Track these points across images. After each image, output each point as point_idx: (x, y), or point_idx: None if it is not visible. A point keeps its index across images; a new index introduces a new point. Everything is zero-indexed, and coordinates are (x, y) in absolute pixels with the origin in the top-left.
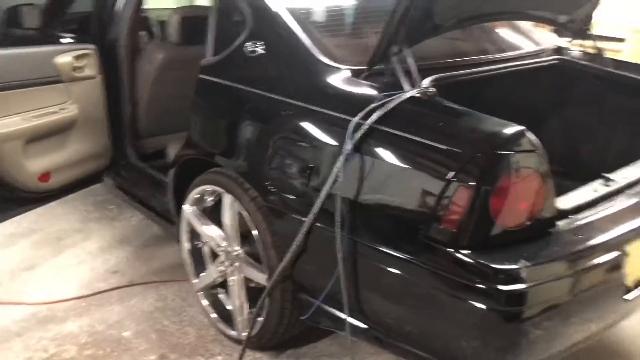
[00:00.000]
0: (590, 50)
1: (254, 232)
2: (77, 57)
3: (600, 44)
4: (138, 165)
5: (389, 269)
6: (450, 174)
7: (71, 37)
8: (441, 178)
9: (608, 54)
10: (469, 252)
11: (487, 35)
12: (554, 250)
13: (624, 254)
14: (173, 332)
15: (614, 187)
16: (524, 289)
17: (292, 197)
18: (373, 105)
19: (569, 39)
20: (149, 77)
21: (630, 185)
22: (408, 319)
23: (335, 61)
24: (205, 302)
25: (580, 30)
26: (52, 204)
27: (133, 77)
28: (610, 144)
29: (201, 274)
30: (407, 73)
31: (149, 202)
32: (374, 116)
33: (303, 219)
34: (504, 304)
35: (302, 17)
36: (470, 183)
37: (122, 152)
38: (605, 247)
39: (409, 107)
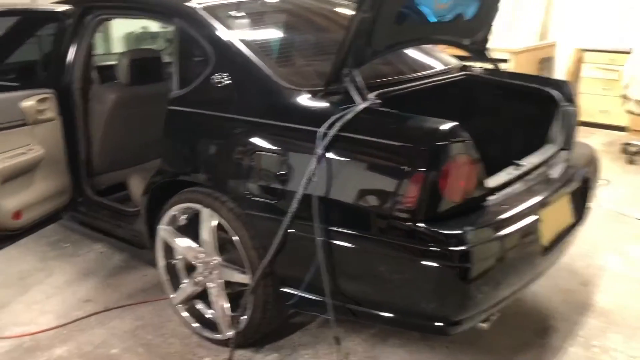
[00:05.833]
0: (489, 66)
1: (234, 238)
2: (39, 101)
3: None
4: (98, 200)
5: (362, 248)
6: (406, 165)
7: (15, 85)
8: (399, 168)
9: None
10: (426, 224)
11: (408, 58)
12: (488, 218)
13: (539, 220)
14: (159, 344)
15: (522, 170)
16: (469, 248)
17: (269, 201)
18: (335, 116)
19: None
20: (102, 117)
21: (534, 168)
22: (379, 288)
23: (294, 85)
24: (185, 314)
25: (479, 50)
26: (7, 248)
27: (86, 117)
28: (511, 140)
29: (179, 288)
30: (357, 89)
31: (114, 232)
32: (337, 125)
33: (281, 218)
34: (456, 261)
35: (259, 50)
36: (422, 169)
37: (80, 189)
38: (525, 213)
39: (364, 115)
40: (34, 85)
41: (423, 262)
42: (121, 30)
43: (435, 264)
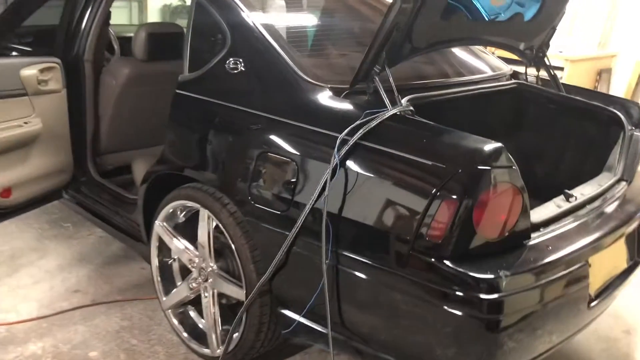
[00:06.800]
0: (545, 76)
1: (232, 247)
2: (42, 71)
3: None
4: (100, 181)
5: (374, 280)
6: (435, 188)
7: (28, 50)
8: (426, 192)
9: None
10: (452, 262)
11: (452, 60)
12: (529, 260)
13: (588, 265)
14: (142, 351)
15: (574, 203)
16: (503, 297)
17: (274, 211)
18: (358, 122)
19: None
20: (113, 92)
21: (588, 202)
22: (390, 328)
23: (316, 79)
24: (174, 321)
25: (536, 57)
26: (5, 222)
27: (96, 92)
28: (563, 163)
29: (171, 292)
30: (388, 92)
31: (112, 219)
32: (360, 133)
33: (285, 232)
34: (485, 311)
35: (280, 35)
36: (454, 196)
37: (83, 168)
38: (573, 258)
39: (393, 124)
40: (43, 53)
41: (445, 308)
42: (158, 2)
43: (459, 312)
